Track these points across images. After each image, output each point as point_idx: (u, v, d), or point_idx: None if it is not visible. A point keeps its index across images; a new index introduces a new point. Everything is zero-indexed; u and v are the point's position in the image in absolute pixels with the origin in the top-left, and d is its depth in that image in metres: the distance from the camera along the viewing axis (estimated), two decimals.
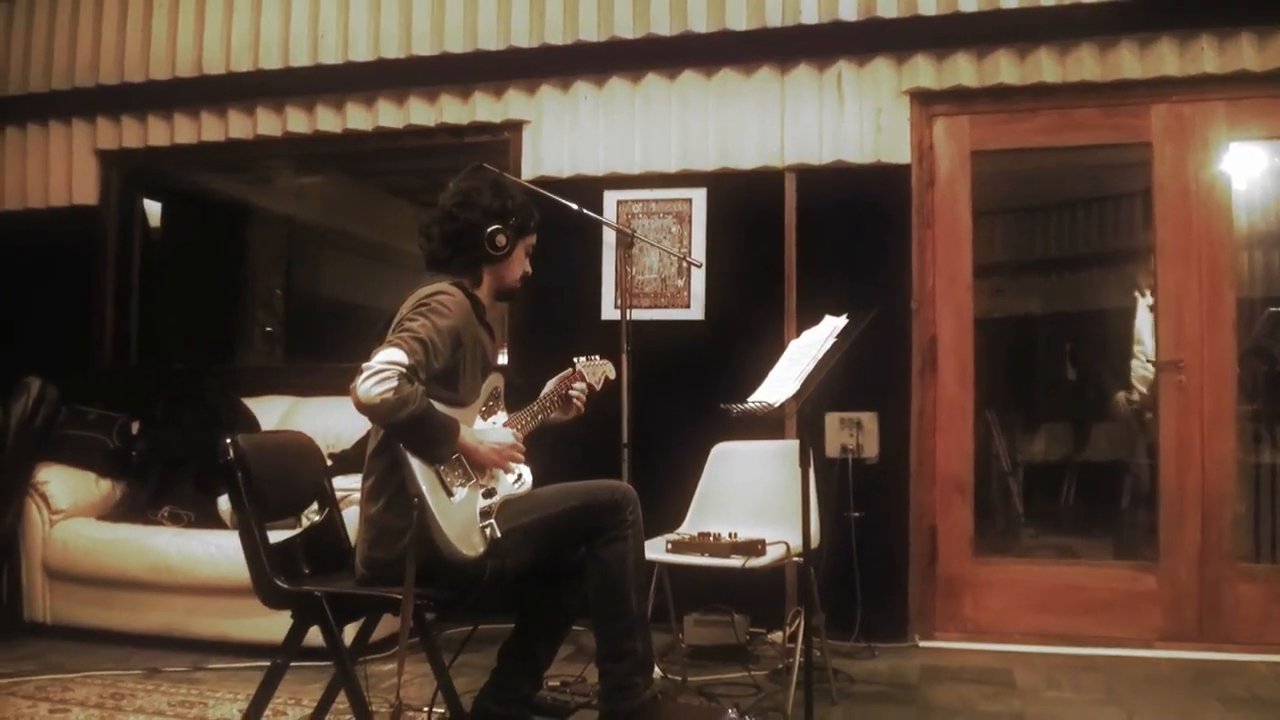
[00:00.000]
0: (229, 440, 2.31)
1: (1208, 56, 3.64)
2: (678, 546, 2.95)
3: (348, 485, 3.04)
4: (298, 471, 2.55)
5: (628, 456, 3.45)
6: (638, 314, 3.89)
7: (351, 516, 2.57)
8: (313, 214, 6.21)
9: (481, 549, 2.22)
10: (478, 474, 2.31)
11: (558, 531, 2.36)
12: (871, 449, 3.78)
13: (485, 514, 2.27)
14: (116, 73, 4.58)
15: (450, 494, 2.22)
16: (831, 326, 2.60)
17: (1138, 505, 4.56)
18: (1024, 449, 6.17)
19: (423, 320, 2.23)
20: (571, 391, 2.60)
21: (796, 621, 2.96)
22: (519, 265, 2.52)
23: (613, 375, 2.87)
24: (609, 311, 4.08)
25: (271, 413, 4.07)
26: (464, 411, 2.34)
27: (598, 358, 2.81)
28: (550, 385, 2.61)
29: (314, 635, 2.33)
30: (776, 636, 3.66)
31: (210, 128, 4.53)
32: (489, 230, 2.42)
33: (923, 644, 3.74)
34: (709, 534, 2.99)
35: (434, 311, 2.26)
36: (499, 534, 2.24)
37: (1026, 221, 6.60)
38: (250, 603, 3.19)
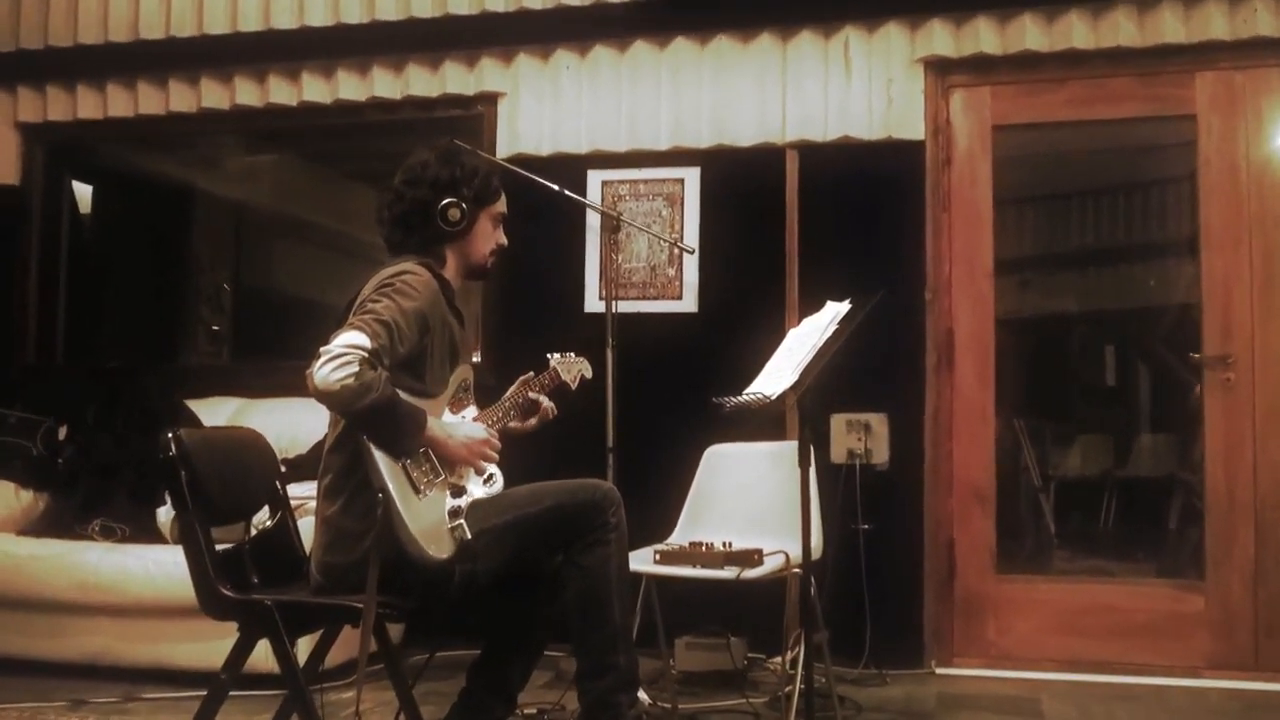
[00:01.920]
0: (171, 434, 2.35)
1: (1262, 18, 3.69)
2: (666, 557, 3.01)
3: (303, 493, 3.09)
4: (248, 471, 2.60)
5: (612, 461, 3.51)
6: (624, 306, 3.96)
7: (307, 526, 2.63)
8: (264, 199, 6.25)
9: (450, 552, 2.27)
10: (446, 471, 2.36)
11: (533, 534, 2.41)
12: (881, 454, 3.85)
13: (454, 514, 2.32)
14: (40, 36, 4.58)
15: (417, 491, 2.27)
16: (833, 313, 2.67)
17: (1189, 527, 4.61)
18: (1057, 462, 6.24)
19: (387, 301, 2.29)
20: (530, 394, 2.66)
21: (798, 646, 3.02)
22: (486, 239, 2.58)
23: (590, 374, 2.93)
24: (592, 303, 4.15)
25: (218, 416, 4.12)
26: (431, 403, 2.40)
27: (573, 355, 2.88)
28: (514, 386, 2.68)
29: (263, 661, 2.38)
30: (777, 662, 3.72)
31: (148, 100, 4.57)
32: (441, 205, 2.48)
33: (939, 670, 3.79)
34: (701, 544, 3.04)
35: (399, 292, 2.32)
36: (469, 536, 2.29)
37: (1057, 209, 6.67)
38: (191, 625, 3.29)
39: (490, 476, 2.46)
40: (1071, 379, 6.55)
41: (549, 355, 2.80)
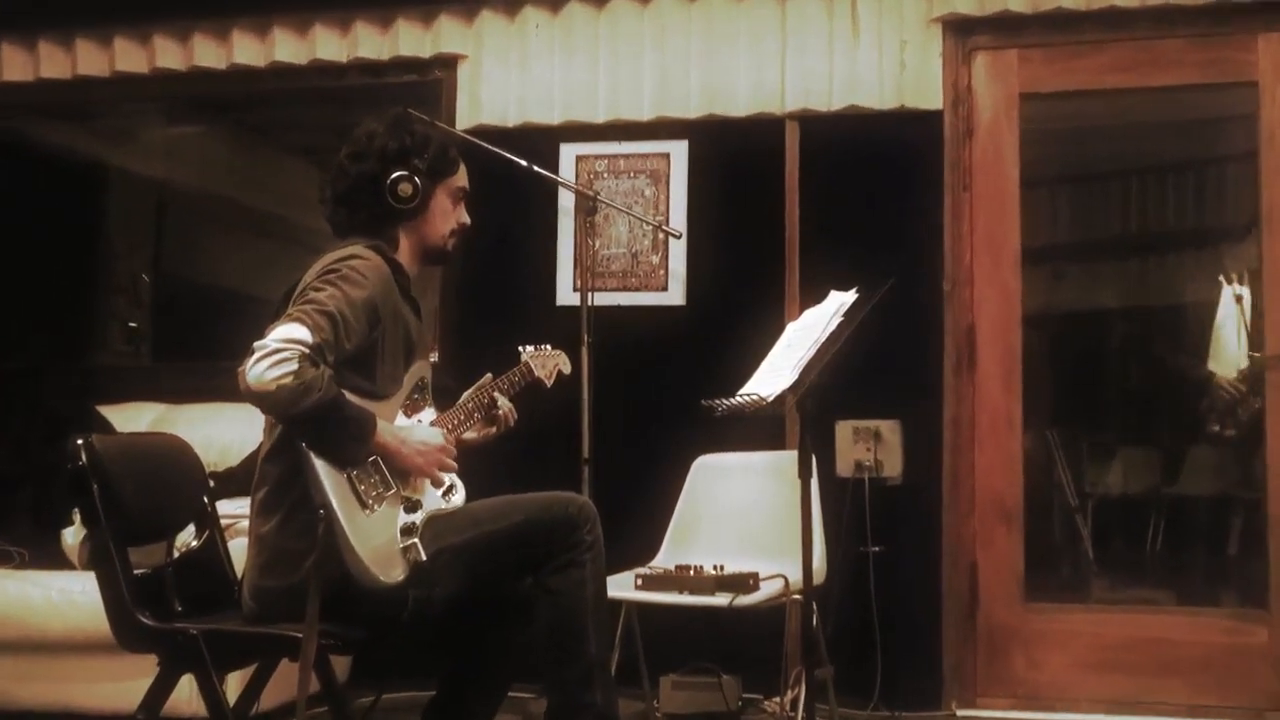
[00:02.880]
0: (80, 440, 2.36)
1: None
2: (650, 582, 3.03)
3: (235, 510, 3.10)
4: (171, 484, 2.61)
5: (588, 473, 3.53)
6: (602, 298, 3.97)
7: (239, 547, 2.64)
8: (189, 178, 6.24)
9: (402, 575, 2.29)
10: (399, 482, 2.38)
11: (497, 555, 2.43)
12: (893, 466, 3.88)
13: (407, 531, 2.34)
14: None
15: (365, 506, 2.29)
16: (838, 304, 2.70)
17: (1249, 551, 4.63)
18: (1095, 478, 6.28)
19: (331, 290, 2.30)
20: (497, 394, 2.68)
21: (800, 684, 3.04)
22: (444, 217, 2.60)
23: (568, 369, 2.96)
24: (566, 295, 4.17)
25: (136, 424, 4.10)
26: (383, 405, 2.41)
27: (549, 347, 2.90)
28: (478, 384, 2.70)
29: (186, 702, 2.38)
30: (776, 703, 3.74)
31: (52, 62, 4.55)
32: (391, 179, 2.50)
33: (960, 712, 3.82)
34: (689, 567, 3.06)
35: (345, 279, 2.33)
36: (424, 556, 2.31)
37: (1094, 190, 6.72)
38: (104, 661, 3.29)
39: (449, 488, 2.47)
40: (1111, 383, 6.58)
41: (520, 348, 2.82)
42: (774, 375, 2.69)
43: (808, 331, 2.74)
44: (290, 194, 6.19)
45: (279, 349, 2.17)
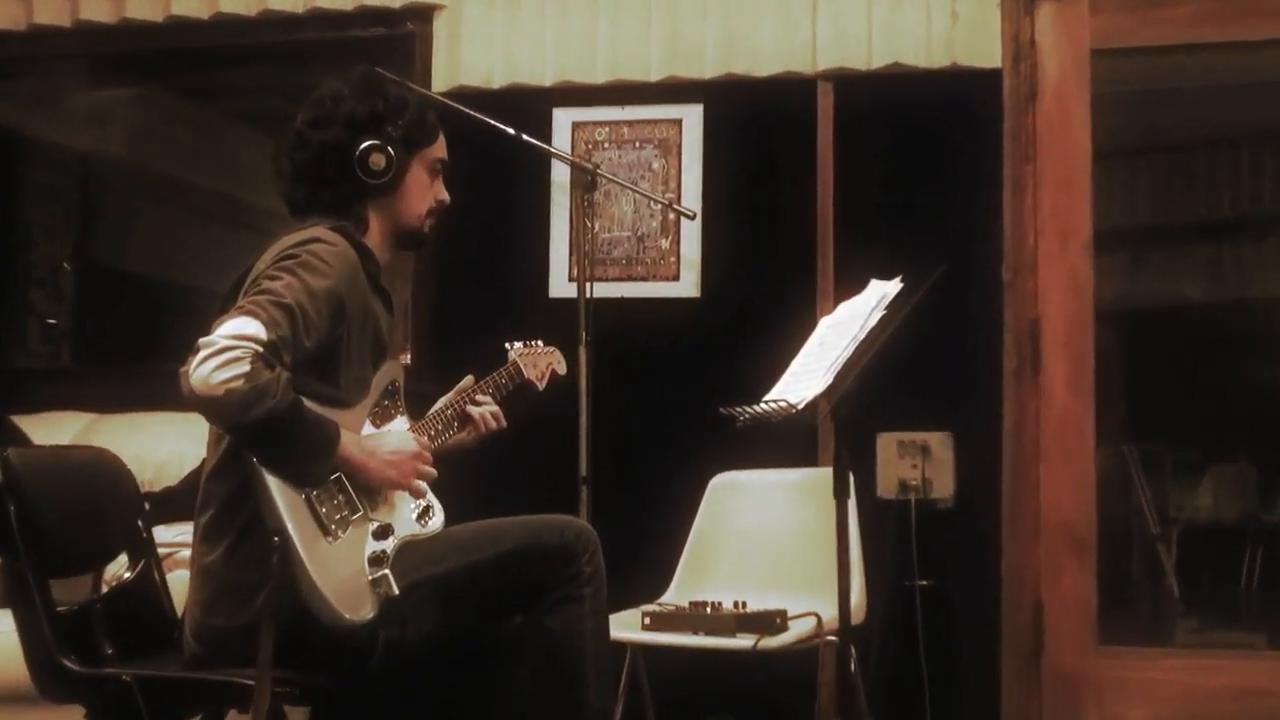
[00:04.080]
0: None
1: None
2: (660, 621, 3.03)
3: (174, 537, 3.11)
4: (100, 506, 2.61)
5: (587, 493, 3.52)
6: (603, 289, 3.96)
7: (179, 580, 2.65)
8: (120, 150, 6.26)
9: (371, 611, 2.28)
10: (366, 503, 2.38)
11: (482, 588, 2.42)
12: (944, 486, 3.89)
13: (377, 561, 2.33)
14: None
15: (327, 531, 2.29)
16: (879, 295, 2.70)
17: None
18: (1181, 501, 6.29)
19: (288, 279, 2.30)
20: (473, 408, 2.69)
21: None
22: (421, 193, 2.60)
23: (563, 369, 2.97)
24: (560, 286, 4.18)
25: (57, 436, 4.13)
26: (347, 414, 2.41)
27: (540, 343, 2.92)
28: (450, 394, 2.71)
29: None
30: None
31: None
32: (360, 149, 2.51)
33: None
34: (705, 603, 3.06)
35: (305, 266, 2.33)
36: (396, 590, 2.30)
37: (1180, 163, 6.72)
38: (20, 715, 3.29)
39: (426, 510, 2.47)
40: (1199, 390, 6.56)
41: (508, 345, 2.84)
42: (805, 379, 2.69)
43: (844, 328, 2.74)
44: (240, 167, 6.21)
45: (228, 347, 2.16)
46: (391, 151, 2.52)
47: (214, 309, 2.38)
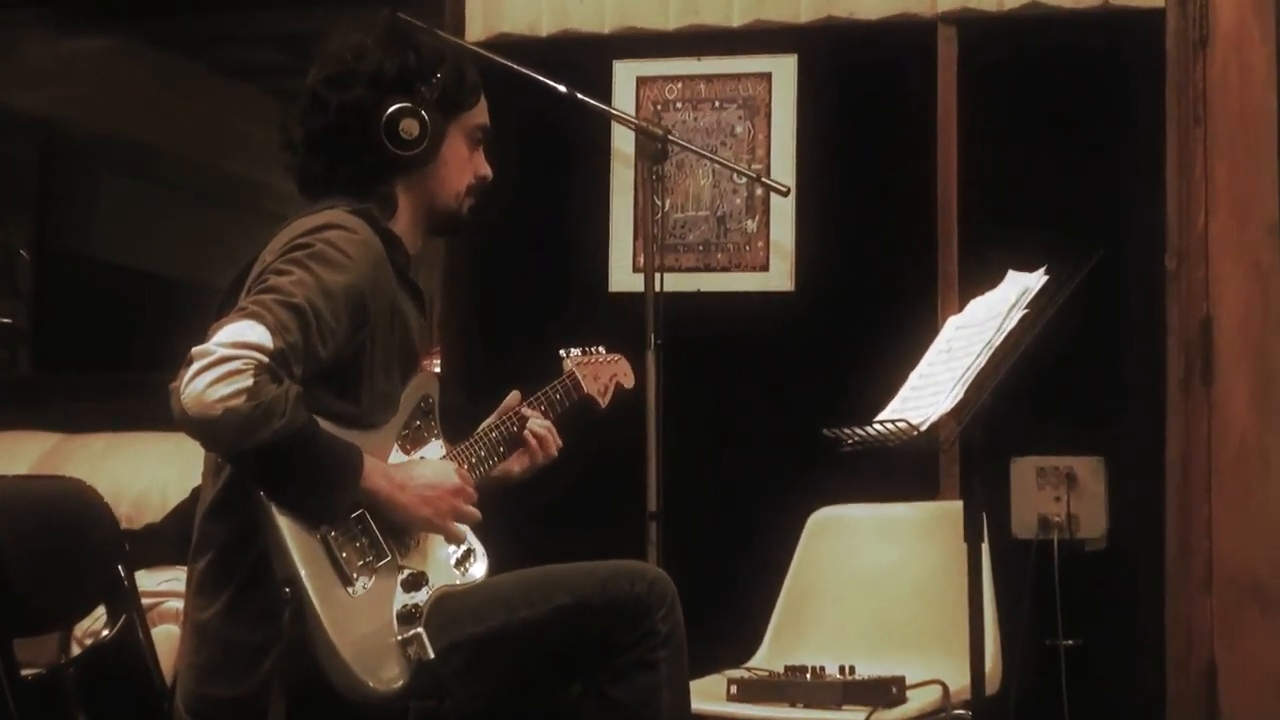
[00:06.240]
0: None
1: None
2: (749, 690, 3.02)
3: (161, 586, 3.16)
4: (71, 547, 2.65)
5: (658, 534, 3.54)
6: (675, 281, 3.97)
7: (167, 636, 2.68)
8: (87, 114, 6.31)
9: (401, 679, 2.30)
10: (395, 547, 2.39)
11: (534, 651, 2.43)
12: (1094, 524, 3.87)
13: (407, 618, 2.35)
14: None
15: (347, 581, 2.31)
16: (1019, 289, 2.69)
17: None
18: None
19: (300, 273, 2.30)
20: (530, 427, 2.69)
21: None
22: (460, 167, 2.60)
23: (630, 382, 2.97)
24: (623, 278, 4.21)
25: (16, 462, 4.17)
26: (372, 436, 2.42)
27: (602, 350, 2.92)
28: (495, 416, 2.71)
29: None
30: None
31: None
32: (388, 114, 2.52)
33: None
34: (804, 668, 3.06)
35: (320, 259, 2.34)
36: (431, 653, 2.32)
37: None
38: None
39: (467, 554, 2.49)
40: None
41: (562, 352, 2.83)
42: (928, 393, 2.68)
43: (975, 331, 2.73)
44: (236, 135, 6.23)
45: (227, 357, 2.17)
46: (425, 116, 2.53)
47: (210, 310, 2.40)
